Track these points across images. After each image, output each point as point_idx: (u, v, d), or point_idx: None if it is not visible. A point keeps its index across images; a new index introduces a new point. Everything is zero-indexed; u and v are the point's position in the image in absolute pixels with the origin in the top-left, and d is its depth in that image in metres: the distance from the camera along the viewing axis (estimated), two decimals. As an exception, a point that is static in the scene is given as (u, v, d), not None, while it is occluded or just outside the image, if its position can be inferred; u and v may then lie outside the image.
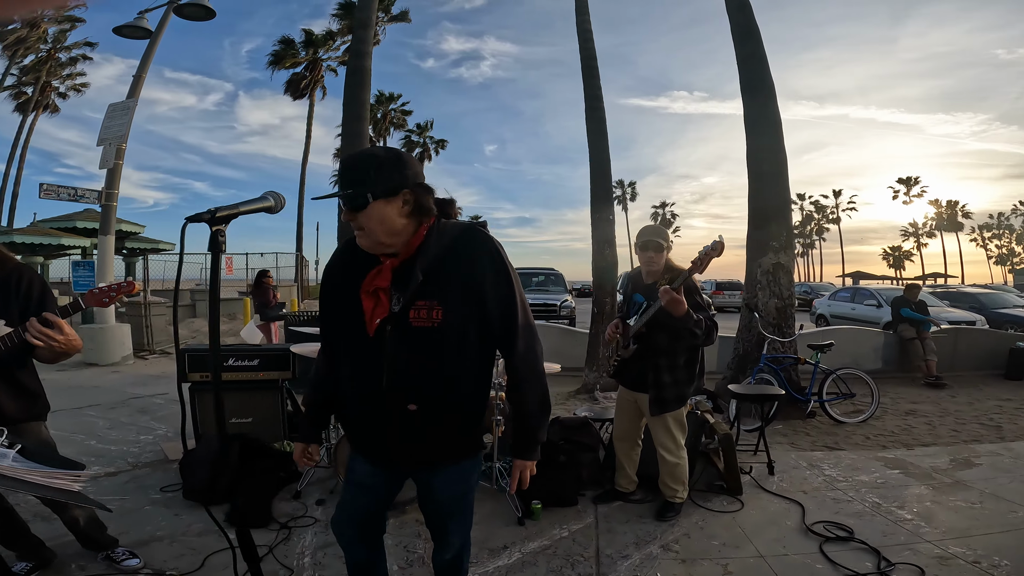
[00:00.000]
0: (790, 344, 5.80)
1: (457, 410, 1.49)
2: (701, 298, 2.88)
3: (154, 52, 9.19)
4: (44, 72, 27.71)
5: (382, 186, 1.33)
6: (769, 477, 3.70)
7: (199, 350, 3.93)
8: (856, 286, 16.20)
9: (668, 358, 2.92)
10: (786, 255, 5.86)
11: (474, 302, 1.43)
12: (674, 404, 2.95)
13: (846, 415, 5.44)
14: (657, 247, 2.95)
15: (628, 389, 3.16)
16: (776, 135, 6.02)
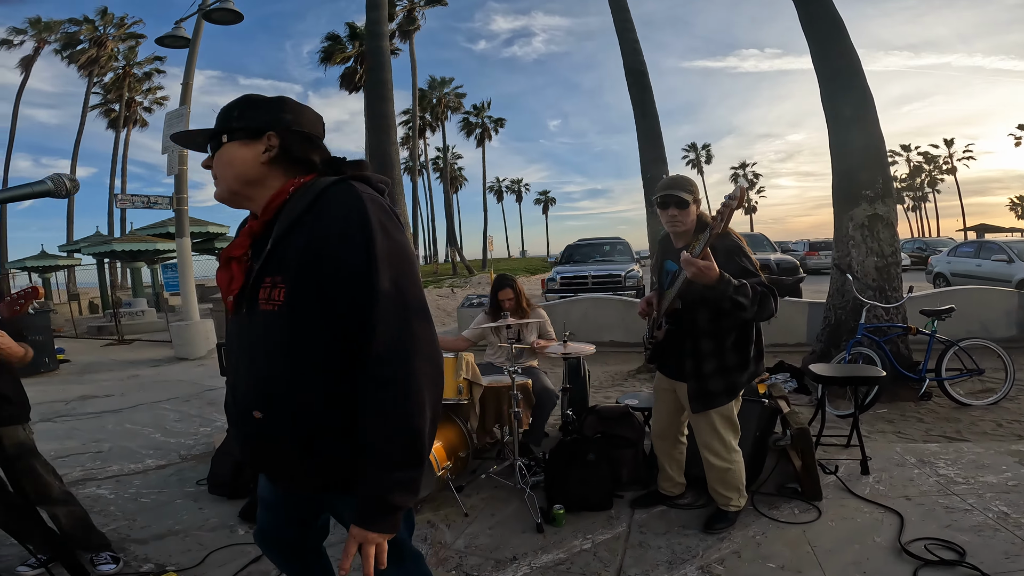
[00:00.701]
0: (896, 311, 4.83)
1: (306, 423, 1.07)
2: (747, 260, 2.26)
3: (195, 59, 9.46)
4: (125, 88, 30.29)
5: (240, 124, 1.13)
6: (862, 477, 2.98)
7: None
8: (981, 240, 13.92)
9: (712, 340, 2.34)
10: (884, 204, 4.88)
11: (313, 278, 1.04)
12: (722, 398, 2.36)
13: (972, 395, 4.46)
14: (679, 203, 2.33)
15: (666, 377, 2.60)
16: (852, 70, 5.07)
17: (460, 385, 2.84)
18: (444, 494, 2.86)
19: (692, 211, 2.35)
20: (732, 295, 2.08)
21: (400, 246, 1.05)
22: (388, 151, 5.91)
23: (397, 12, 27.89)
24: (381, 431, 1.01)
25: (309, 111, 1.20)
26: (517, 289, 3.62)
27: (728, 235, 2.26)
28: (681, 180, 2.42)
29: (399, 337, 1.01)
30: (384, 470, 1.01)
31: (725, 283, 2.06)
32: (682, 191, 2.34)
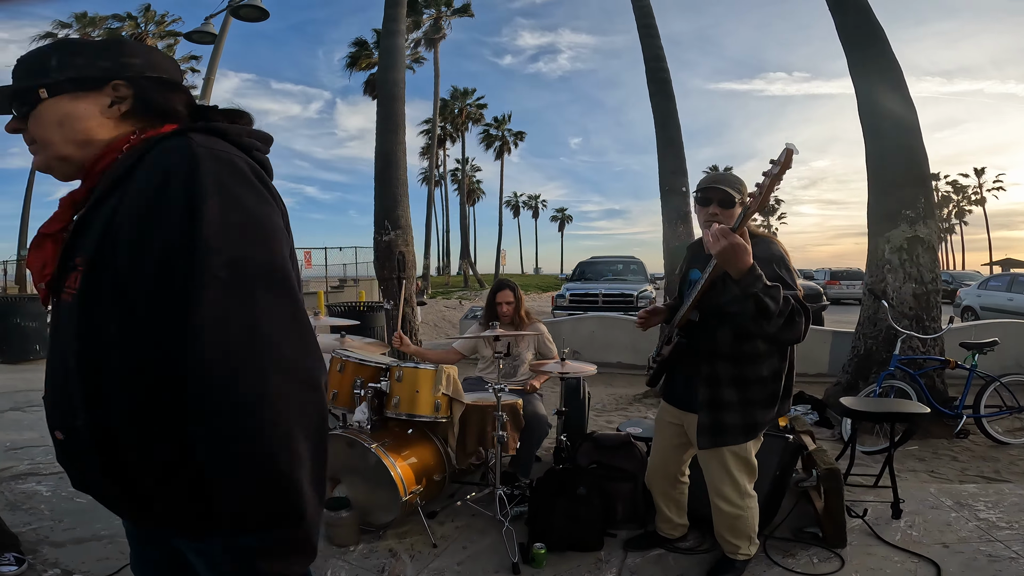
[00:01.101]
0: (934, 342, 4.50)
1: (112, 452, 0.78)
2: (787, 273, 1.89)
3: (219, 56, 9.53)
4: None
5: (68, 75, 0.85)
6: (892, 522, 2.64)
7: None
8: (1014, 273, 13.37)
9: (732, 366, 1.95)
10: (925, 226, 4.53)
11: (110, 260, 0.76)
12: (737, 435, 1.97)
13: (1010, 433, 4.14)
14: (724, 200, 1.98)
15: (672, 406, 2.22)
16: (894, 81, 4.75)
17: (438, 401, 2.54)
18: (412, 519, 2.56)
19: (736, 214, 1.95)
20: (759, 292, 1.73)
21: (252, 218, 0.76)
22: (395, 151, 5.71)
23: (424, 20, 28.19)
24: (224, 480, 0.71)
25: (160, 52, 0.97)
26: (518, 295, 3.33)
27: (771, 243, 1.97)
28: (728, 176, 2.10)
29: (240, 346, 0.71)
30: (236, 532, 0.71)
31: (755, 276, 1.73)
32: (728, 186, 2.00)
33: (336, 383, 2.65)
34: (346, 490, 2.52)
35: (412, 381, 2.52)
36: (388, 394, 2.54)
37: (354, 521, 2.41)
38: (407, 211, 5.47)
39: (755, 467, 2.08)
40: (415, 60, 29.26)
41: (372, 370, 2.59)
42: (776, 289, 1.75)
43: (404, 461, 2.46)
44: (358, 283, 16.78)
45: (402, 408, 2.51)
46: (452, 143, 39.46)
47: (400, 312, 3.68)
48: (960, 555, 2.31)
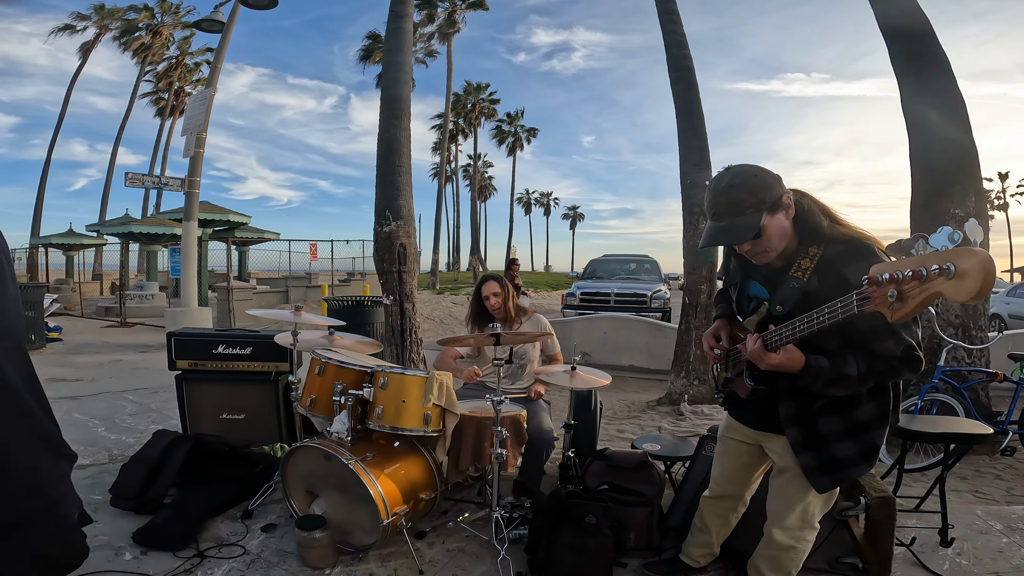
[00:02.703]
0: (980, 354, 4.20)
1: None
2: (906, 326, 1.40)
3: (227, 44, 9.40)
4: (175, 77, 30.92)
5: None
6: (940, 550, 2.36)
7: (189, 334, 3.44)
8: (1046, 278, 12.87)
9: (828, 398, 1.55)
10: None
11: None
12: (861, 466, 1.59)
13: None
14: (748, 238, 1.49)
15: (743, 424, 1.84)
16: (944, 71, 4.46)
17: (428, 412, 2.24)
18: (397, 541, 2.28)
19: (774, 224, 1.49)
20: (820, 391, 1.44)
21: None
22: (398, 136, 5.43)
23: (438, 14, 27.99)
24: None
25: None
26: (504, 285, 3.02)
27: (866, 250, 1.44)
28: (731, 197, 1.48)
29: None
30: None
31: (812, 377, 1.44)
32: (736, 215, 1.48)
33: (315, 387, 2.37)
34: (323, 506, 2.25)
35: (398, 389, 2.23)
36: (371, 403, 2.24)
37: (330, 542, 2.14)
38: (410, 201, 5.18)
39: (835, 498, 1.74)
40: (428, 54, 29.08)
41: (355, 374, 2.29)
42: (846, 380, 1.42)
43: (388, 478, 2.18)
44: (365, 277, 16.58)
45: (386, 420, 2.21)
46: (464, 138, 39.25)
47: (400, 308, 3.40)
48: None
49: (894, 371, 1.43)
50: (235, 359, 3.29)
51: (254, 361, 3.29)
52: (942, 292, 1.04)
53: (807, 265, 1.48)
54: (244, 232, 16.30)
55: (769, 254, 1.54)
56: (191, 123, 8.82)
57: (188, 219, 8.92)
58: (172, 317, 8.47)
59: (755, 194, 1.46)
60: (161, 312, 12.55)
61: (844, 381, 1.43)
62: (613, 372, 2.99)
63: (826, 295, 1.35)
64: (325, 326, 2.74)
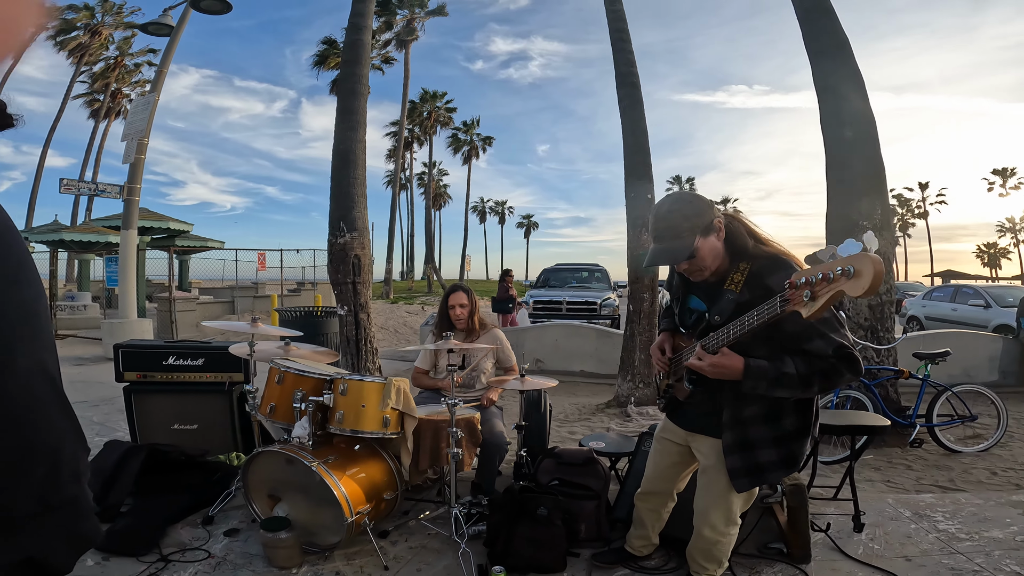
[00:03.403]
0: (888, 353, 4.57)
1: None
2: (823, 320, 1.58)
3: (175, 48, 9.14)
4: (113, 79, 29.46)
5: None
6: (854, 535, 2.60)
7: (137, 346, 3.41)
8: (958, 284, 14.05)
9: (759, 404, 1.73)
10: (881, 237, 4.60)
11: None
12: (779, 470, 1.78)
13: (962, 442, 4.24)
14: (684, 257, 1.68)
15: (678, 426, 2.02)
16: (858, 91, 4.83)
17: (387, 416, 2.35)
18: (361, 540, 2.36)
19: (707, 246, 1.69)
20: (766, 393, 1.59)
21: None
22: (353, 149, 5.46)
23: (397, 21, 27.83)
24: None
25: None
26: (472, 299, 3.17)
27: (787, 264, 1.64)
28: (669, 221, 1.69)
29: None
30: None
31: (754, 379, 1.58)
32: (673, 239, 1.68)
33: (274, 395, 2.43)
34: (287, 509, 2.31)
35: (358, 395, 2.33)
36: (332, 408, 2.33)
37: (295, 542, 2.21)
38: (364, 212, 5.23)
39: (754, 496, 1.96)
40: (385, 61, 28.87)
41: (314, 382, 2.38)
42: (786, 377, 1.58)
43: (351, 479, 2.27)
44: (316, 287, 16.25)
45: (347, 423, 2.31)
46: (420, 146, 39.08)
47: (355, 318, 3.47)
48: (923, 568, 2.28)
49: (835, 370, 1.60)
50: (187, 370, 3.30)
51: (207, 372, 3.31)
52: (844, 289, 1.28)
53: (739, 279, 1.69)
54: (186, 240, 15.67)
55: (704, 272, 1.75)
56: (133, 128, 8.53)
57: (127, 227, 8.61)
58: (109, 329, 8.21)
59: (690, 219, 1.68)
60: (96, 324, 11.92)
61: (787, 381, 1.59)
62: (565, 378, 3.17)
63: (755, 304, 1.55)
64: (281, 336, 2.79)
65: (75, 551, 0.71)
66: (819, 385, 1.62)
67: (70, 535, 0.70)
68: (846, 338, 1.61)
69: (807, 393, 1.65)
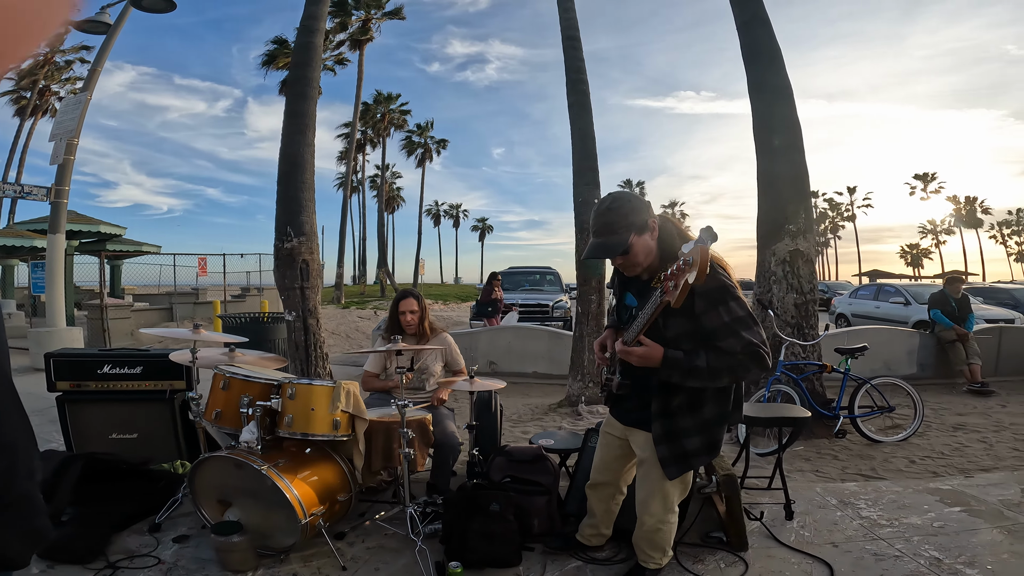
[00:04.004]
0: (813, 348, 4.83)
1: None
2: (736, 306, 1.77)
3: (111, 46, 8.71)
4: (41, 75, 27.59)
5: None
6: (787, 523, 2.76)
7: (70, 355, 3.32)
8: (879, 282, 15.06)
9: (685, 395, 1.88)
10: (805, 240, 4.89)
11: None
12: (702, 456, 1.95)
13: (882, 432, 4.51)
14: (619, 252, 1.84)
15: (618, 422, 2.16)
16: (787, 101, 5.11)
17: (336, 419, 2.35)
18: (317, 542, 2.36)
19: (640, 243, 1.83)
20: (680, 382, 1.74)
21: None
22: (301, 153, 5.37)
23: (352, 21, 27.24)
24: None
25: None
26: (422, 304, 3.20)
27: (713, 272, 1.74)
28: (607, 218, 1.83)
29: None
30: None
31: (669, 368, 1.73)
32: (610, 235, 1.82)
33: (219, 401, 2.40)
34: (239, 514, 2.29)
35: (306, 398, 2.33)
36: (280, 412, 2.32)
37: (248, 545, 2.19)
38: (312, 217, 5.15)
39: (689, 484, 2.10)
40: (338, 61, 28.23)
41: (261, 387, 2.36)
42: (699, 370, 1.72)
43: (303, 482, 2.27)
44: (263, 292, 15.73)
45: (296, 427, 2.30)
46: (372, 148, 38.44)
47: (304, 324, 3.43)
48: (849, 554, 2.42)
49: (743, 366, 1.74)
50: (123, 379, 3.21)
51: (145, 380, 3.23)
52: (687, 277, 1.44)
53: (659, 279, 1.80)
54: (118, 245, 14.84)
55: (637, 268, 1.88)
56: (62, 128, 8.10)
57: (54, 231, 8.15)
58: (37, 338, 7.78)
59: (627, 217, 1.81)
60: (22, 333, 11.12)
61: (697, 372, 1.73)
62: (518, 379, 3.23)
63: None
64: (225, 343, 2.75)
65: (30, 546, 0.72)
66: (727, 378, 1.79)
67: (25, 530, 0.71)
68: (757, 336, 1.76)
69: (716, 384, 1.81)
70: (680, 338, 1.77)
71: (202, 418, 2.47)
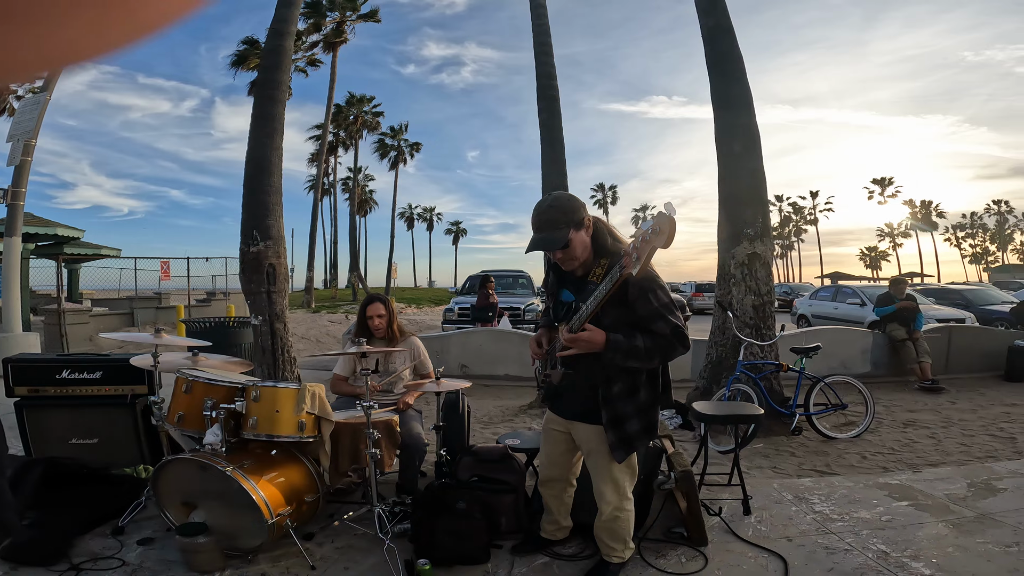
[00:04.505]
0: (770, 348, 4.99)
1: None
2: (663, 294, 1.93)
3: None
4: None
5: None
6: (744, 518, 2.86)
7: (28, 359, 3.28)
8: (837, 284, 15.60)
9: (623, 382, 2.03)
10: (762, 244, 5.07)
11: None
12: (643, 439, 2.10)
13: (837, 429, 4.68)
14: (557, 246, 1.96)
15: (558, 416, 2.27)
16: (747, 108, 5.30)
17: (302, 420, 2.37)
18: (286, 542, 2.37)
19: (578, 238, 1.97)
20: (621, 363, 1.90)
21: None
22: (268, 156, 5.31)
23: (326, 23, 26.85)
24: None
25: None
26: (390, 308, 3.23)
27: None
28: (548, 215, 1.97)
29: None
30: None
31: (612, 350, 1.88)
32: (551, 230, 1.95)
33: (182, 404, 2.39)
34: (204, 516, 2.28)
35: (271, 401, 2.34)
36: (244, 415, 2.32)
37: (214, 546, 2.19)
38: (280, 221, 5.11)
39: (636, 469, 2.20)
40: (311, 63, 27.77)
41: (225, 390, 2.36)
42: (636, 349, 1.89)
43: (269, 483, 2.28)
44: (229, 296, 15.39)
45: (261, 429, 2.31)
46: (345, 151, 37.87)
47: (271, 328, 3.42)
48: (802, 548, 2.50)
49: (671, 346, 1.93)
50: (83, 384, 3.19)
51: (105, 385, 3.20)
52: (654, 243, 1.60)
53: (599, 272, 1.97)
54: (76, 248, 14.32)
55: (574, 262, 2.02)
56: (20, 128, 7.90)
57: (11, 234, 7.90)
58: (-10, 345, 7.43)
59: (566, 214, 1.96)
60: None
61: (636, 352, 1.89)
62: (490, 381, 3.26)
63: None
64: (187, 347, 2.73)
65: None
66: (659, 357, 1.96)
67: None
68: (680, 320, 1.95)
69: (650, 363, 1.96)
70: (617, 325, 1.92)
71: (165, 422, 2.46)
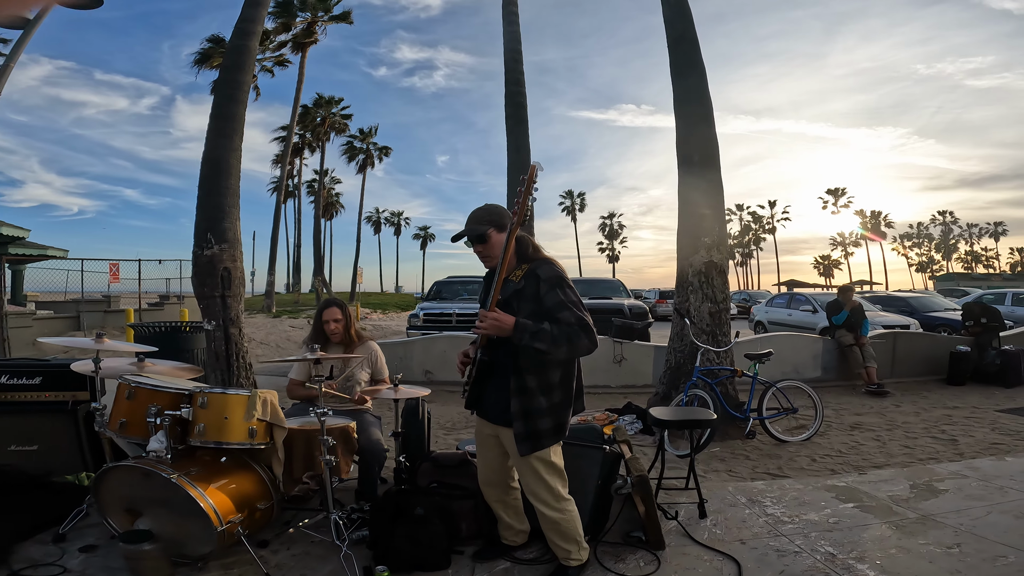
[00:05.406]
0: (726, 354, 5.13)
1: None
2: (569, 291, 2.12)
3: (28, 40, 8.07)
4: None
5: None
6: (700, 521, 2.91)
7: None
8: (792, 292, 16.14)
9: (537, 377, 2.15)
10: (719, 252, 5.21)
11: None
12: (550, 438, 2.17)
13: (788, 432, 4.82)
14: (477, 238, 2.23)
15: (487, 421, 2.35)
16: (707, 120, 5.45)
17: (253, 427, 2.31)
18: (237, 550, 2.30)
19: (497, 238, 2.21)
20: (528, 343, 2.02)
21: None
22: (226, 157, 5.16)
23: (296, 23, 26.31)
24: None
25: None
26: (347, 313, 3.19)
27: (552, 264, 2.20)
28: (475, 213, 2.28)
29: None
30: None
31: (520, 333, 2.03)
32: (475, 224, 2.23)
33: (124, 411, 2.30)
34: (149, 523, 2.20)
35: (220, 407, 2.28)
36: (191, 421, 2.25)
37: (160, 554, 2.11)
38: (236, 224, 4.96)
39: (563, 470, 2.25)
40: (279, 63, 27.19)
41: (171, 396, 2.28)
42: (542, 332, 2.03)
43: (217, 490, 2.21)
44: (183, 300, 14.86)
45: (208, 436, 2.24)
46: (311, 153, 37.18)
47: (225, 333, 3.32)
48: (755, 551, 2.55)
49: (577, 335, 2.05)
50: (21, 389, 3.08)
51: (45, 391, 3.10)
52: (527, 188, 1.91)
53: (520, 274, 2.19)
54: (21, 248, 13.60)
55: (492, 260, 2.22)
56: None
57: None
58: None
59: (491, 216, 2.24)
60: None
61: (543, 334, 2.02)
62: (454, 388, 3.23)
63: (527, 290, 2.12)
64: (131, 352, 2.64)
65: None
66: (566, 344, 2.05)
67: None
68: (587, 316, 2.11)
69: (557, 350, 2.05)
70: (529, 318, 2.10)
71: (106, 428, 2.36)
